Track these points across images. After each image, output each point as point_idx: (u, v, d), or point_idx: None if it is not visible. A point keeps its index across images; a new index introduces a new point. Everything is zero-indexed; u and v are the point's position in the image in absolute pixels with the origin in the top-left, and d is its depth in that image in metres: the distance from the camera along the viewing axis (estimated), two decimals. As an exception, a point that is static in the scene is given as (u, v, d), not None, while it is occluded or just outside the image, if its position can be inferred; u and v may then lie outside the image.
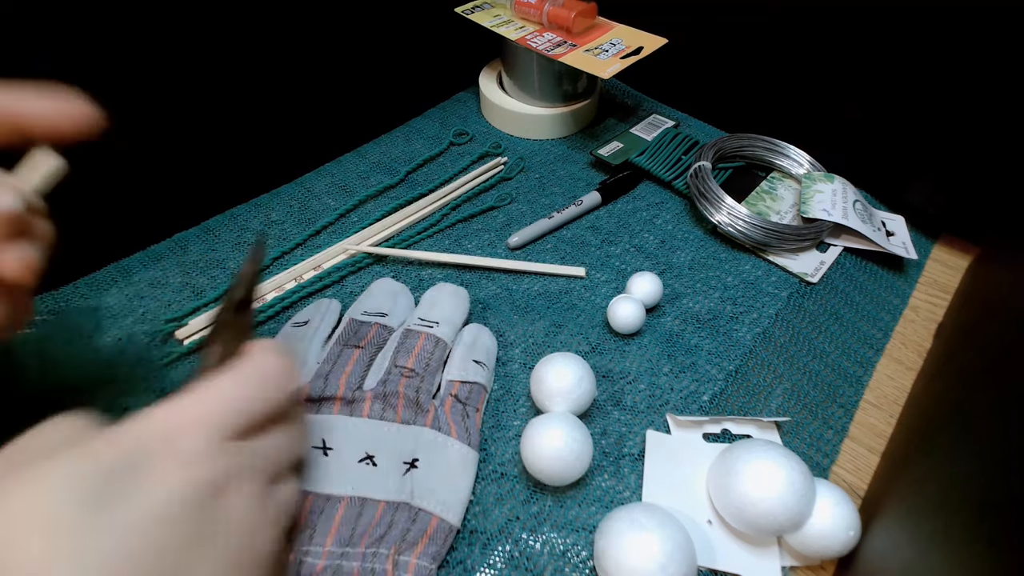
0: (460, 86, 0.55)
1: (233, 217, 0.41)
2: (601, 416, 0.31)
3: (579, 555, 0.26)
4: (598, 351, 0.33)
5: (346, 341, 0.31)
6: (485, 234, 0.40)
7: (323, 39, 0.43)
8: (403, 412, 0.28)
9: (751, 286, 0.37)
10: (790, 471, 0.24)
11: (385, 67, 0.48)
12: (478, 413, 0.29)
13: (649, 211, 0.43)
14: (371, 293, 0.33)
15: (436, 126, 0.50)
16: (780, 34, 0.42)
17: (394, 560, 0.23)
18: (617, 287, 0.37)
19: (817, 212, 0.39)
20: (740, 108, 0.48)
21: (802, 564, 0.25)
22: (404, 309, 0.33)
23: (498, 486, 0.28)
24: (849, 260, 0.39)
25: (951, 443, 0.24)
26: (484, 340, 0.32)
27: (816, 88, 0.43)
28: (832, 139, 0.43)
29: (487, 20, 0.47)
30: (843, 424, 0.31)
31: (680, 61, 0.48)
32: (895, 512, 0.24)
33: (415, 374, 0.29)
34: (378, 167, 0.46)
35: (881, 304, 0.37)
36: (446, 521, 0.25)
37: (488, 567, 0.25)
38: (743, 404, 0.31)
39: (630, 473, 0.28)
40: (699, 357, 0.33)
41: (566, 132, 0.50)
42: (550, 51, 0.43)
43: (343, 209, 0.41)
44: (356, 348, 0.30)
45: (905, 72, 0.38)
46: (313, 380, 0.29)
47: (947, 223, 0.41)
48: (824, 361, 0.34)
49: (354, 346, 0.30)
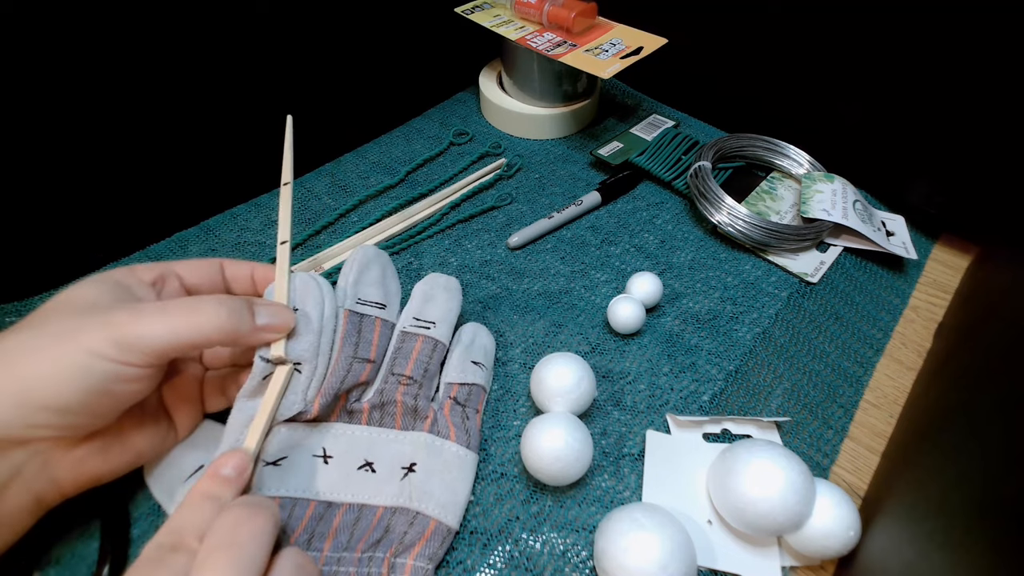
0: (460, 86, 0.55)
1: (233, 217, 0.41)
2: (601, 416, 0.31)
3: (579, 555, 0.26)
4: (598, 351, 0.33)
5: (355, 351, 0.28)
6: (485, 234, 0.40)
7: (323, 39, 0.43)
8: (402, 420, 0.28)
9: (751, 286, 0.37)
10: (790, 471, 0.24)
11: (385, 67, 0.48)
12: (478, 415, 0.29)
13: (649, 211, 0.43)
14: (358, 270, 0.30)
15: (436, 126, 0.50)
16: (780, 34, 0.42)
17: (390, 563, 0.23)
18: (617, 287, 0.37)
19: (817, 212, 0.39)
20: (740, 108, 0.48)
21: (802, 564, 0.25)
22: (395, 291, 0.32)
23: (498, 486, 0.28)
24: (849, 260, 0.39)
25: (951, 443, 0.24)
26: (482, 340, 0.32)
27: (816, 88, 0.43)
28: (832, 139, 0.43)
29: (487, 20, 0.47)
30: (843, 424, 0.31)
31: (680, 61, 0.48)
32: (895, 512, 0.24)
33: (413, 382, 0.28)
34: (378, 167, 0.46)
35: (881, 304, 0.37)
36: (444, 524, 0.25)
37: (488, 567, 0.25)
38: (743, 404, 0.31)
39: (630, 473, 0.28)
40: (699, 357, 0.33)
41: (566, 132, 0.50)
42: (550, 51, 0.43)
43: (343, 209, 0.41)
44: (367, 363, 0.28)
45: (905, 72, 0.38)
46: (324, 397, 0.27)
47: (947, 223, 0.41)
48: (824, 361, 0.34)
49: (364, 360, 0.28)
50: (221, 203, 0.41)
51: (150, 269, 0.26)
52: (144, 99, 0.36)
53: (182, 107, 0.38)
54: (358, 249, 0.31)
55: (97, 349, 0.21)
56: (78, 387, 0.20)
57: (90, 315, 0.22)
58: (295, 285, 0.28)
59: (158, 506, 0.26)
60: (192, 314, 0.22)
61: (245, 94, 0.40)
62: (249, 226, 0.40)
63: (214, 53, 0.38)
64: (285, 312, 0.26)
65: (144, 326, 0.21)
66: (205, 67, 0.38)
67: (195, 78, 0.37)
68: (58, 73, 0.32)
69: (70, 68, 0.32)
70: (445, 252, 0.39)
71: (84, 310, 0.22)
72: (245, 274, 0.29)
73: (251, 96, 0.41)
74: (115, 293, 0.24)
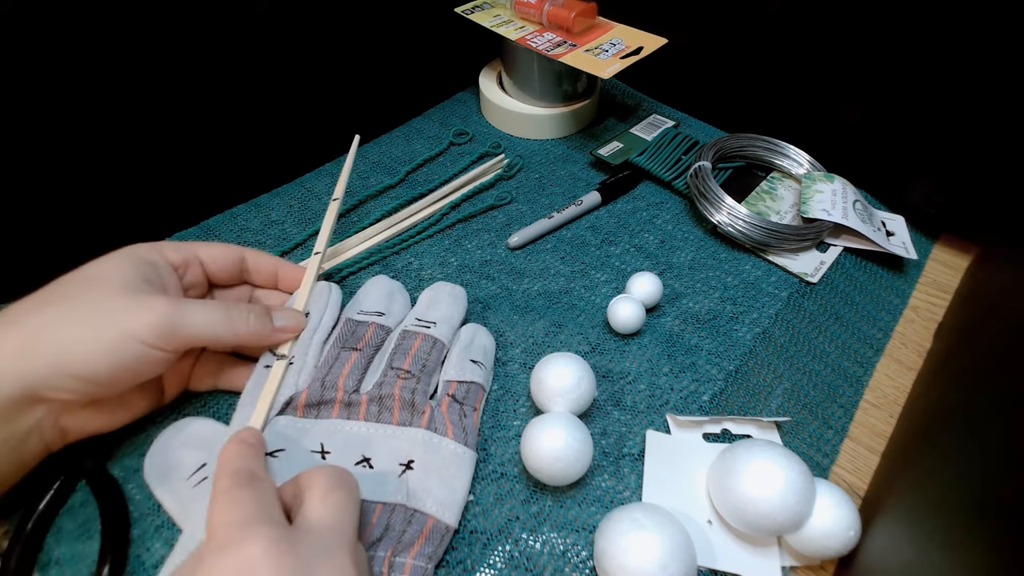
0: (460, 86, 0.55)
1: (233, 217, 0.41)
2: (601, 416, 0.31)
3: (579, 555, 0.26)
4: (598, 351, 0.33)
5: (344, 343, 0.30)
6: (485, 234, 0.40)
7: (323, 39, 0.43)
8: (399, 414, 0.28)
9: (751, 286, 0.37)
10: (790, 471, 0.24)
11: (385, 67, 0.48)
12: (476, 413, 0.29)
13: (649, 211, 0.43)
14: (367, 291, 0.33)
15: (436, 126, 0.50)
16: (780, 34, 0.42)
17: (390, 562, 0.23)
18: (617, 287, 0.37)
19: (817, 212, 0.39)
20: (740, 108, 0.48)
21: (802, 564, 0.25)
22: (401, 308, 0.33)
23: (498, 486, 0.28)
24: (849, 260, 0.39)
25: (951, 443, 0.24)
26: (481, 339, 0.32)
27: (816, 88, 0.43)
28: (832, 139, 0.43)
29: (487, 20, 0.47)
30: (843, 424, 0.31)
31: (680, 61, 0.48)
32: (895, 512, 0.24)
33: (411, 376, 0.29)
34: (378, 167, 0.46)
35: (881, 304, 0.37)
36: (442, 522, 0.25)
37: (488, 567, 0.25)
38: (743, 404, 0.31)
39: (630, 473, 0.28)
40: (699, 357, 0.33)
41: (566, 132, 0.50)
42: (550, 51, 0.43)
43: (343, 209, 0.41)
44: (354, 351, 0.30)
45: (905, 72, 0.38)
46: (311, 384, 0.28)
47: (947, 223, 0.41)
48: (824, 361, 0.34)
49: (352, 348, 0.30)
50: (221, 203, 0.41)
51: (177, 251, 0.29)
52: (144, 99, 0.36)
53: (182, 107, 0.38)
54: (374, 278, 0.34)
55: (135, 332, 0.23)
56: (109, 363, 0.23)
57: (128, 296, 0.24)
58: (312, 293, 0.32)
59: (158, 506, 0.26)
60: (228, 316, 0.26)
61: (245, 94, 0.40)
62: (249, 226, 0.40)
63: (214, 53, 0.38)
64: (298, 317, 0.30)
65: (186, 318, 0.25)
66: (205, 67, 0.38)
67: (195, 78, 0.37)
68: (57, 73, 0.32)
69: (69, 68, 0.32)
70: (445, 252, 0.39)
71: (122, 289, 0.24)
72: (269, 269, 0.32)
73: (251, 96, 0.41)
74: (145, 273, 0.26)
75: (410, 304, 0.34)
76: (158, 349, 0.24)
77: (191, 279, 0.29)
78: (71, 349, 0.23)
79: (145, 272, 0.26)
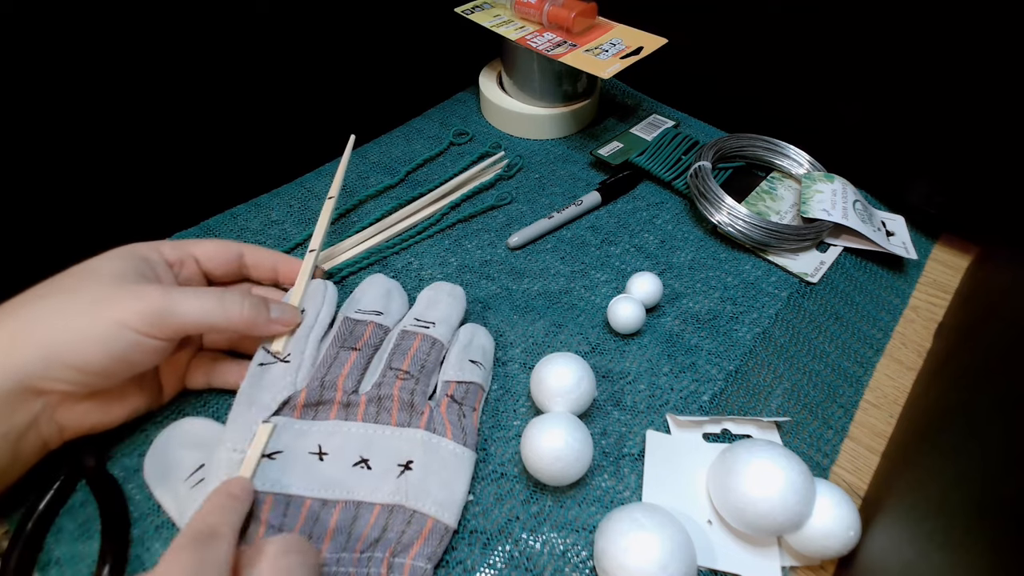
0: (460, 86, 0.55)
1: (233, 217, 0.41)
2: (601, 416, 0.31)
3: (579, 555, 0.26)
4: (598, 351, 0.33)
5: (343, 342, 0.30)
6: (485, 234, 0.40)
7: (323, 39, 0.43)
8: (398, 415, 0.28)
9: (751, 286, 0.37)
10: (790, 471, 0.24)
11: (385, 67, 0.48)
12: (475, 413, 0.29)
13: (649, 211, 0.43)
14: (364, 290, 0.33)
15: (436, 126, 0.50)
16: (780, 34, 0.42)
17: (389, 563, 0.23)
18: (617, 287, 0.37)
19: (817, 212, 0.39)
20: (740, 108, 0.48)
21: (802, 564, 0.25)
22: (399, 307, 0.33)
23: (498, 486, 0.28)
24: (849, 260, 0.39)
25: (951, 443, 0.24)
26: (480, 339, 0.32)
27: (816, 88, 0.43)
28: (832, 139, 0.43)
29: (487, 20, 0.47)
30: (843, 424, 0.31)
31: (680, 61, 0.48)
32: (895, 512, 0.24)
33: (410, 376, 0.29)
34: (378, 167, 0.46)
35: (881, 304, 0.37)
36: (442, 522, 0.25)
37: (488, 567, 0.25)
38: (743, 404, 0.31)
39: (630, 473, 0.28)
40: (699, 357, 0.33)
41: (566, 132, 0.50)
42: (550, 51, 0.43)
43: (343, 209, 0.41)
44: (353, 350, 0.30)
45: (905, 72, 0.38)
46: (310, 383, 0.28)
47: (947, 223, 0.41)
48: (824, 361, 0.34)
49: (351, 348, 0.30)
50: (221, 203, 0.41)
51: (173, 248, 0.29)
52: (144, 99, 0.36)
53: (182, 107, 0.38)
54: (371, 276, 0.34)
55: (127, 321, 0.23)
56: (103, 351, 0.23)
57: (120, 287, 0.25)
58: (308, 290, 0.31)
59: (158, 506, 0.26)
60: (221, 302, 0.26)
61: (245, 94, 0.40)
62: (249, 226, 0.40)
63: (214, 53, 0.38)
64: (294, 311, 0.30)
65: (177, 304, 0.24)
66: (205, 67, 0.38)
67: (195, 78, 0.37)
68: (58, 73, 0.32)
69: (69, 68, 0.32)
70: (445, 252, 0.39)
71: (114, 281, 0.25)
72: (268, 264, 0.32)
73: (251, 96, 0.41)
74: (139, 268, 0.26)
75: (408, 303, 0.34)
76: (151, 337, 0.24)
77: (187, 276, 0.29)
78: (64, 339, 0.23)
79: (139, 267, 0.26)
